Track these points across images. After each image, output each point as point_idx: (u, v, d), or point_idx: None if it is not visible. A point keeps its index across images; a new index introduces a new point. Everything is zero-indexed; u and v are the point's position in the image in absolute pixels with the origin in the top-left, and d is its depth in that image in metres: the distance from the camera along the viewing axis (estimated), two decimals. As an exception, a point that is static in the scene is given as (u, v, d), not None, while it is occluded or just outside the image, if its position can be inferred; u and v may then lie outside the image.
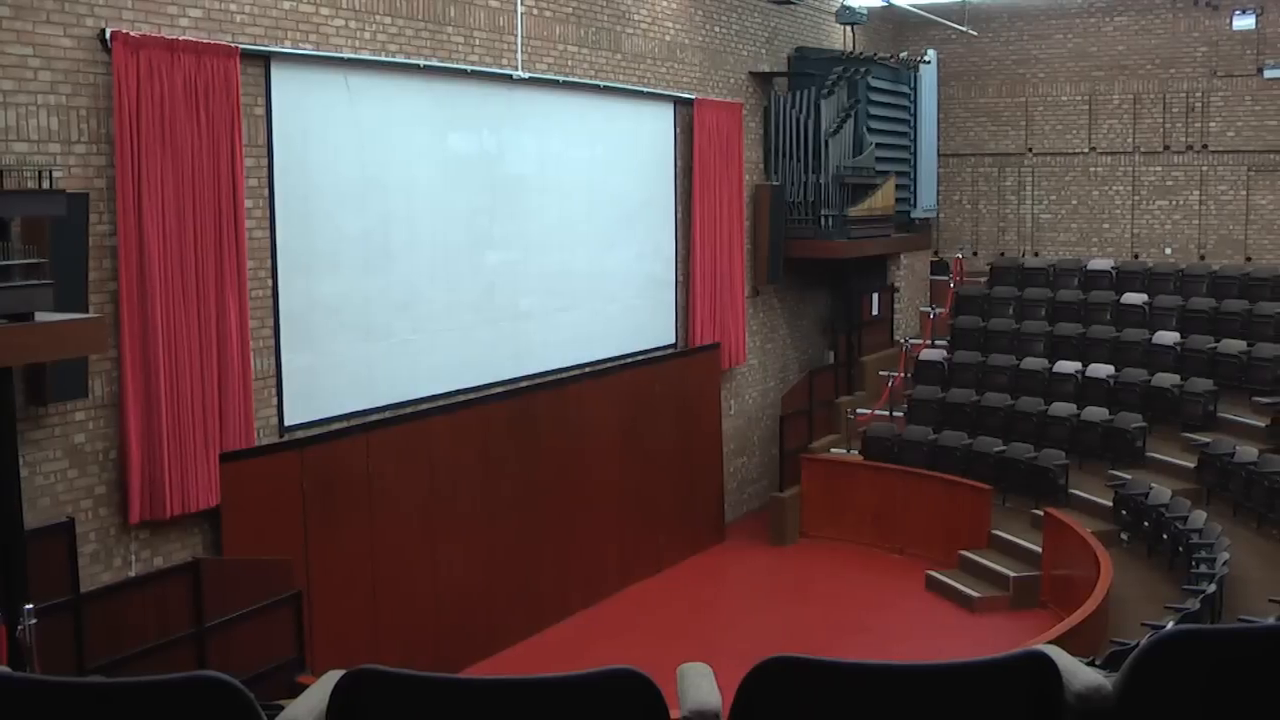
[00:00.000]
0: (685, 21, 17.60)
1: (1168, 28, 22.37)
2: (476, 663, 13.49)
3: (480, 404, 14.11)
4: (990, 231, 23.98)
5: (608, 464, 16.03)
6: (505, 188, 14.56)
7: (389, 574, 12.70)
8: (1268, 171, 21.80)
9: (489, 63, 14.01)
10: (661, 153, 17.27)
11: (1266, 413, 16.65)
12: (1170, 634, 2.76)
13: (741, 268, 18.69)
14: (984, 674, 2.74)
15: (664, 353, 17.46)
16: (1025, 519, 16.86)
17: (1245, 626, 2.86)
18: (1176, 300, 19.49)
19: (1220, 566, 12.55)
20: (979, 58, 23.71)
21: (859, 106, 19.96)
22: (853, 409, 19.96)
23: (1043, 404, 18.30)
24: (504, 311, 14.59)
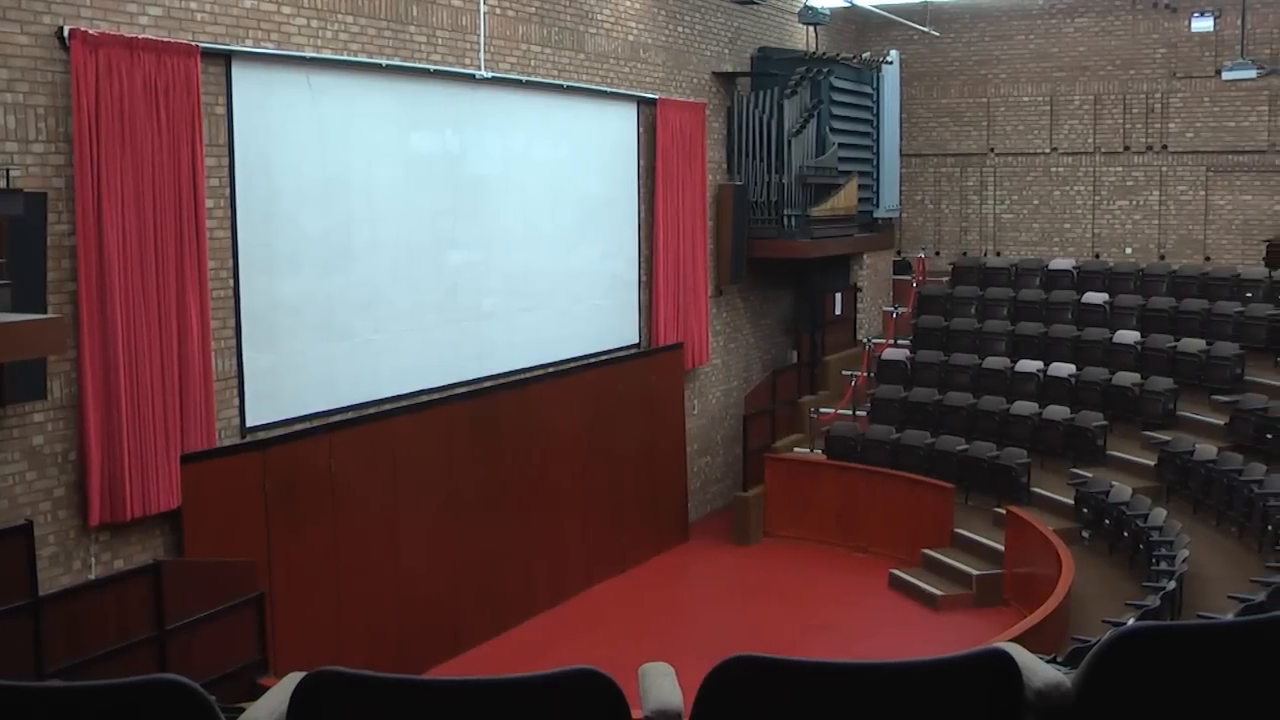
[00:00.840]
0: (648, 21, 17.61)
1: (1128, 29, 22.53)
2: (441, 663, 13.46)
3: (443, 404, 14.08)
4: (952, 231, 24.08)
5: (571, 464, 16.01)
6: (468, 188, 14.53)
7: (352, 575, 12.65)
8: (1226, 172, 21.98)
9: (452, 62, 13.98)
10: (625, 153, 17.27)
11: (1225, 411, 16.78)
12: (1128, 631, 2.77)
13: (705, 267, 18.70)
14: (945, 672, 2.75)
15: (627, 353, 17.46)
16: (987, 517, 16.95)
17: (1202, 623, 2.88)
18: (1137, 300, 19.62)
19: (1180, 564, 12.64)
20: (941, 58, 23.81)
21: (822, 107, 20.00)
22: (816, 408, 20.01)
23: (1005, 403, 18.39)
24: (467, 311, 14.56)
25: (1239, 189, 21.97)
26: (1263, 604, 10.24)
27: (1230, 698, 2.92)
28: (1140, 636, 2.81)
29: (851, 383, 20.03)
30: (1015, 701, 2.76)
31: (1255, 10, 20.96)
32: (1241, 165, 21.90)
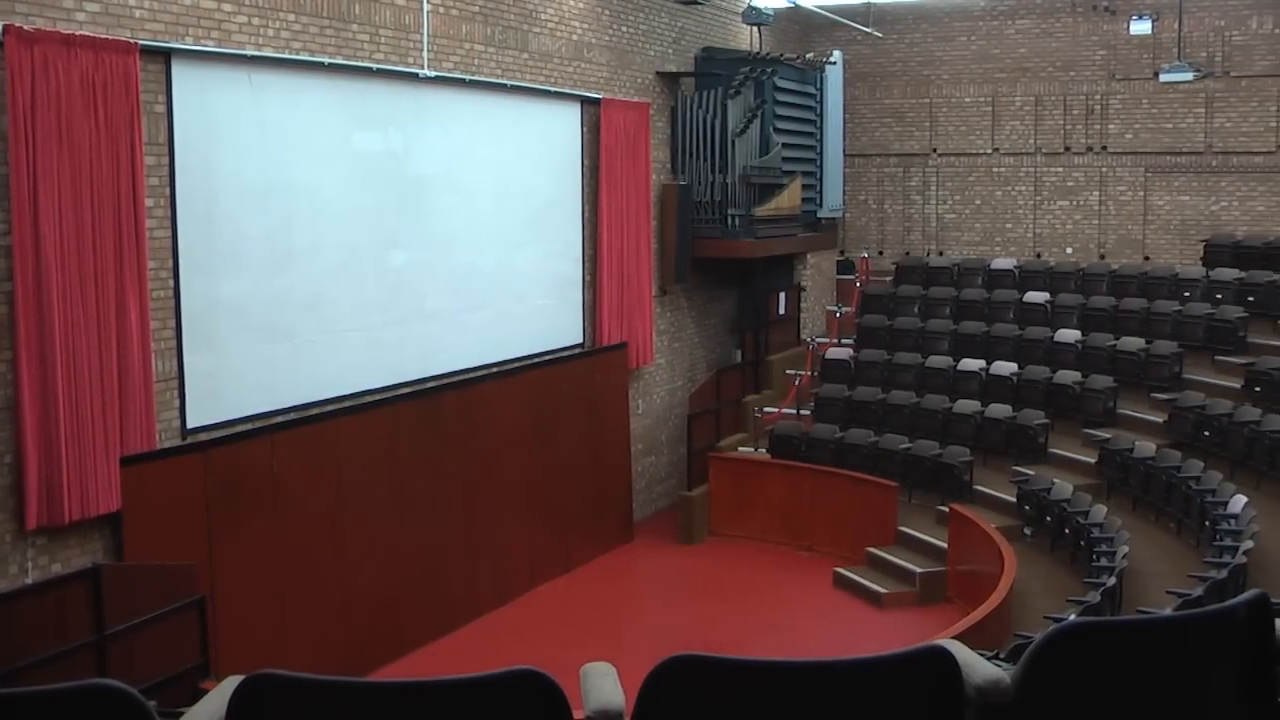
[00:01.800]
0: (592, 21, 17.59)
1: (1068, 31, 22.71)
2: (385, 665, 13.40)
3: (387, 405, 14.01)
4: (895, 231, 24.21)
5: (516, 464, 15.97)
6: (412, 187, 14.48)
7: (295, 577, 12.57)
8: (1164, 173, 22.20)
9: (395, 61, 13.91)
10: (569, 152, 17.25)
11: (1164, 409, 16.96)
12: (1066, 627, 2.79)
13: (649, 267, 18.71)
14: (885, 669, 2.75)
15: (571, 352, 17.44)
16: (931, 515, 17.06)
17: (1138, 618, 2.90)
18: (1078, 299, 19.80)
19: (1120, 559, 12.77)
20: (884, 59, 23.92)
21: (765, 107, 20.06)
22: (760, 408, 20.07)
23: (947, 401, 18.52)
24: (410, 312, 14.49)
25: (1177, 190, 22.20)
26: (1200, 598, 10.37)
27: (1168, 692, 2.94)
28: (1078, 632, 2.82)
29: (795, 382, 20.11)
30: (955, 698, 2.77)
31: (1191, 14, 21.19)
32: (1179, 166, 22.13)
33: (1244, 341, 17.71)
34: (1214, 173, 21.89)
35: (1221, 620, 2.97)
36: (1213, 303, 18.48)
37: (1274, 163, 21.45)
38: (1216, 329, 17.97)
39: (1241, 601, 2.94)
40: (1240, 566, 11.28)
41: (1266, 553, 12.38)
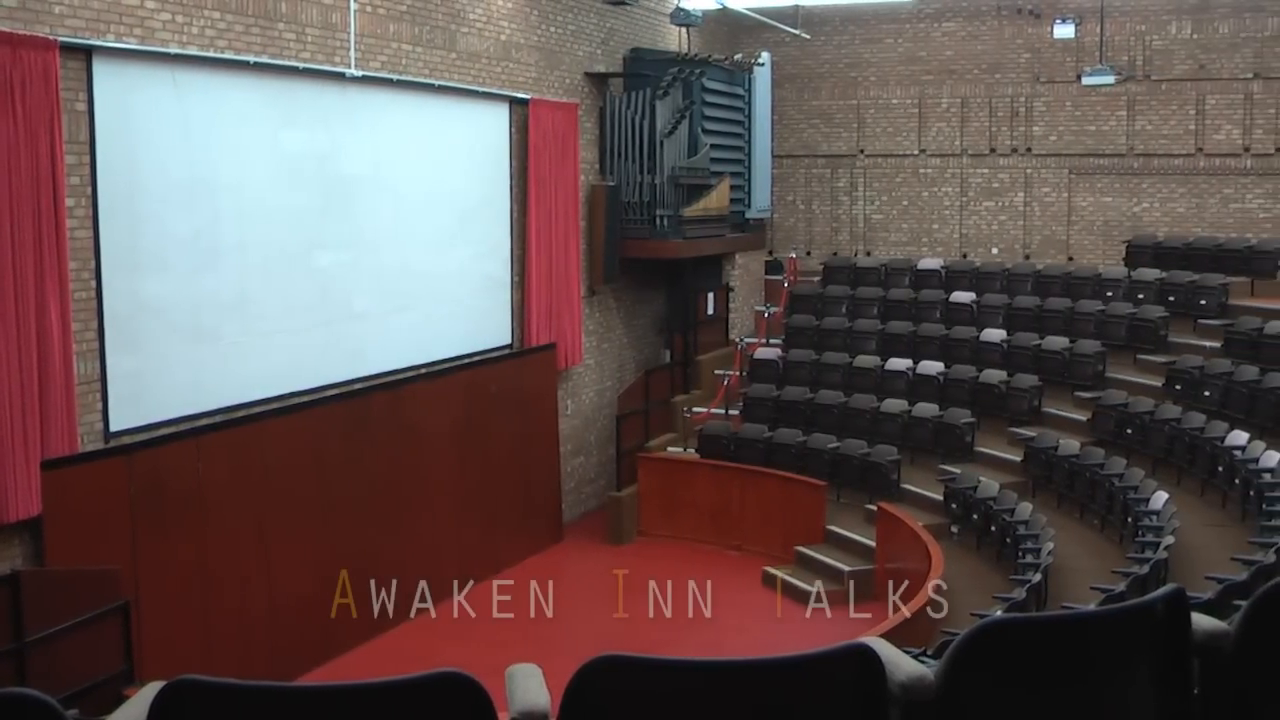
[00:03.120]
0: (521, 21, 17.55)
1: (994, 34, 22.93)
2: (313, 669, 13.30)
3: (314, 407, 13.91)
4: (823, 231, 24.33)
5: (445, 466, 15.91)
6: (339, 187, 14.38)
7: (222, 582, 12.44)
8: (1087, 174, 22.48)
9: (321, 60, 13.81)
10: (497, 153, 17.20)
11: (1088, 407, 17.16)
12: (987, 624, 2.81)
13: (577, 268, 18.69)
14: (809, 667, 2.76)
15: (500, 353, 17.40)
16: (859, 514, 17.17)
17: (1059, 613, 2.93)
18: (1003, 299, 19.99)
19: (1045, 556, 12.90)
20: (812, 60, 24.03)
21: (694, 108, 20.09)
22: (689, 408, 20.11)
23: (875, 401, 18.65)
24: (338, 312, 14.40)
25: (1100, 191, 22.49)
26: (1123, 594, 10.49)
27: (1088, 686, 2.97)
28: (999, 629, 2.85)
29: (724, 382, 20.17)
30: (879, 695, 2.78)
31: (1113, 18, 21.49)
32: (1102, 168, 22.41)
33: (1165, 341, 17.95)
34: (1135, 174, 22.19)
35: (1140, 615, 3.00)
36: (1135, 302, 18.72)
37: (1193, 165, 21.78)
38: (1138, 328, 18.20)
39: (1159, 596, 2.98)
40: (1161, 561, 11.43)
41: (1187, 548, 12.55)
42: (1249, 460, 13.79)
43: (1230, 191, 21.68)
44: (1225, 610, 3.44)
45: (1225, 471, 14.31)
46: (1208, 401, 15.91)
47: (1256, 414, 15.21)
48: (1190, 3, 21.57)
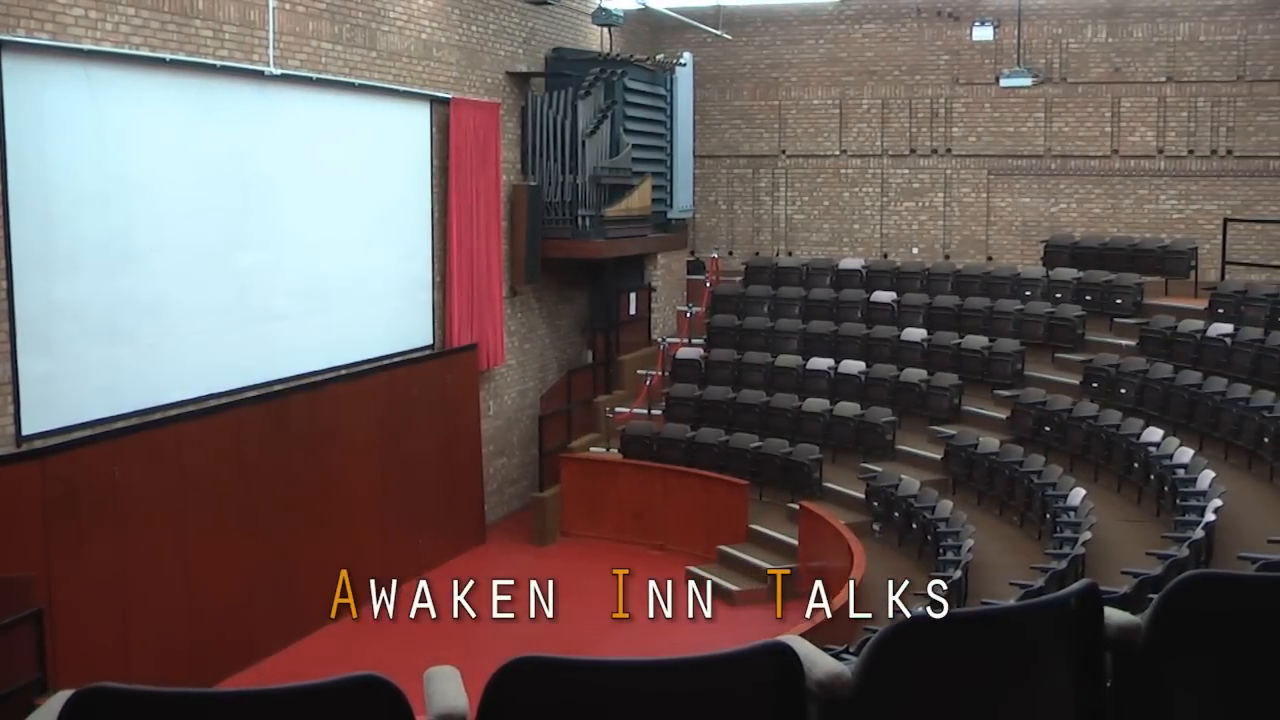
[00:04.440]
0: (442, 20, 17.46)
1: (913, 36, 23.11)
2: (235, 674, 13.15)
3: (233, 409, 13.77)
4: (745, 231, 24.41)
5: (366, 467, 15.80)
6: (258, 187, 14.23)
7: (140, 587, 12.27)
8: (1005, 175, 22.72)
9: (240, 58, 13.65)
10: (418, 152, 17.10)
11: (1007, 405, 17.34)
12: (903, 621, 2.82)
13: (499, 268, 18.63)
14: (727, 666, 2.76)
15: (421, 354, 17.31)
16: (782, 513, 17.25)
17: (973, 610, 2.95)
18: (923, 298, 20.15)
19: (966, 553, 13.03)
20: (734, 61, 24.10)
21: (616, 108, 20.09)
22: (611, 408, 20.10)
23: (797, 400, 18.74)
24: (257, 313, 14.25)
25: (1018, 191, 22.74)
26: (1041, 589, 10.60)
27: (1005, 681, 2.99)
28: (915, 625, 2.86)
29: (646, 382, 20.18)
30: (797, 693, 2.78)
31: (1031, 21, 21.74)
32: (1020, 169, 22.67)
33: (1082, 339, 18.18)
34: (1053, 175, 22.47)
35: (1054, 610, 3.02)
36: (1052, 302, 18.94)
37: (1109, 166, 22.09)
38: (1056, 327, 18.42)
39: (1072, 591, 3.00)
40: (1079, 557, 11.58)
41: (1104, 543, 12.71)
42: (1163, 456, 14.00)
43: (1145, 192, 22.00)
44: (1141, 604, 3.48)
45: (1140, 468, 14.52)
46: (1123, 399, 16.14)
47: (1171, 411, 15.44)
48: (1105, 7, 21.88)
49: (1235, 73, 21.31)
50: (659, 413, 19.62)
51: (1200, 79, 21.52)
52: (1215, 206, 21.42)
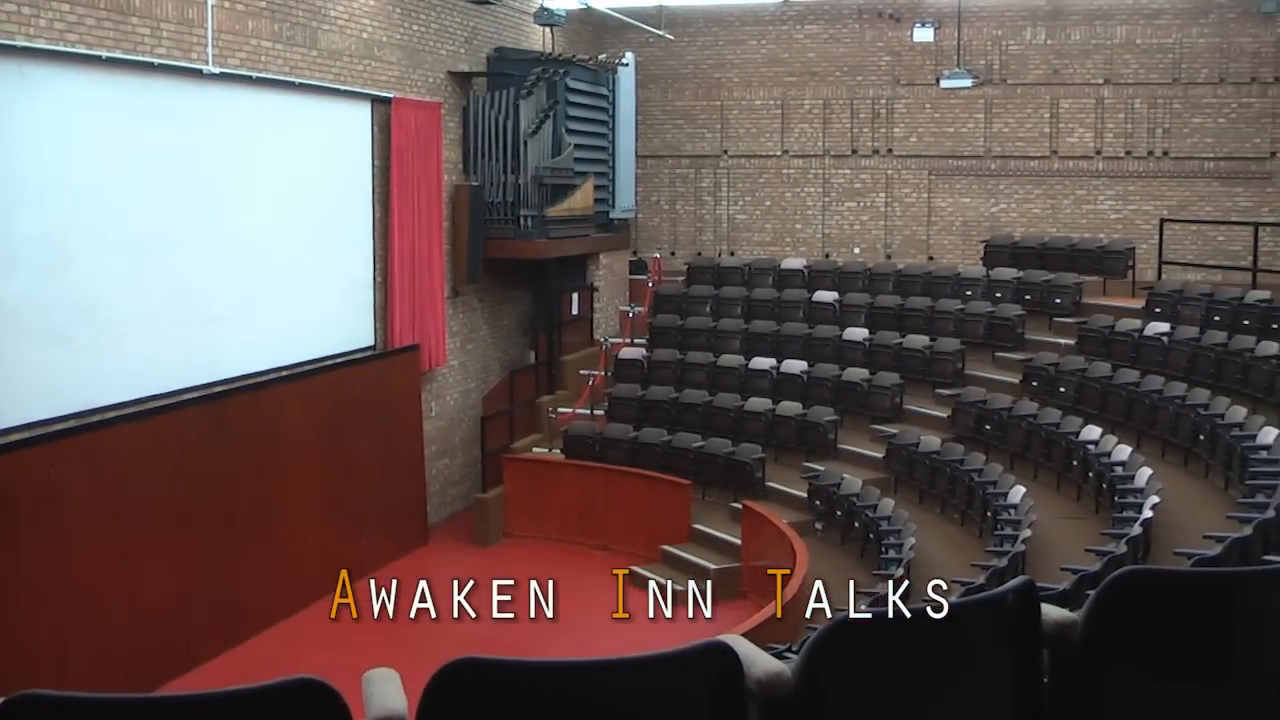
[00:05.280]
0: (383, 19, 17.37)
1: (855, 37, 23.21)
2: (176, 678, 13.00)
3: (173, 410, 13.63)
4: (688, 232, 24.44)
5: (308, 469, 15.69)
6: (197, 187, 14.10)
7: (77, 591, 12.11)
8: (946, 175, 22.88)
9: (178, 56, 13.52)
10: (359, 152, 17.01)
11: (948, 404, 17.45)
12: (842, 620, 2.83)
13: (441, 268, 18.56)
14: (667, 666, 2.76)
15: (363, 355, 17.21)
16: (725, 512, 17.28)
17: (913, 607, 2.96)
18: (865, 298, 20.25)
19: (908, 551, 13.11)
20: (676, 61, 24.12)
21: (558, 107, 20.07)
22: (554, 408, 20.07)
23: (739, 400, 18.79)
24: (197, 314, 14.12)
25: (959, 192, 22.90)
26: (982, 586, 10.69)
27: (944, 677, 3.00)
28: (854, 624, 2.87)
29: (589, 382, 20.16)
30: (737, 692, 2.78)
31: (971, 23, 21.91)
32: (961, 169, 22.83)
33: (1022, 339, 18.34)
34: (993, 176, 22.64)
35: (992, 607, 3.04)
36: (993, 301, 19.09)
37: (1048, 167, 22.29)
38: (996, 326, 18.56)
39: (1010, 588, 3.02)
40: (1019, 554, 11.67)
41: (1044, 540, 12.82)
42: (1102, 454, 14.13)
43: (1083, 193, 22.22)
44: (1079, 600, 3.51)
45: (1080, 466, 14.66)
46: (1062, 398, 16.29)
47: (1109, 409, 15.61)
48: (1044, 9, 22.07)
49: (1171, 75, 21.56)
50: (601, 413, 19.61)
51: (1137, 81, 21.76)
52: (1152, 207, 21.66)
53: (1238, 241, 20.78)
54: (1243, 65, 21.23)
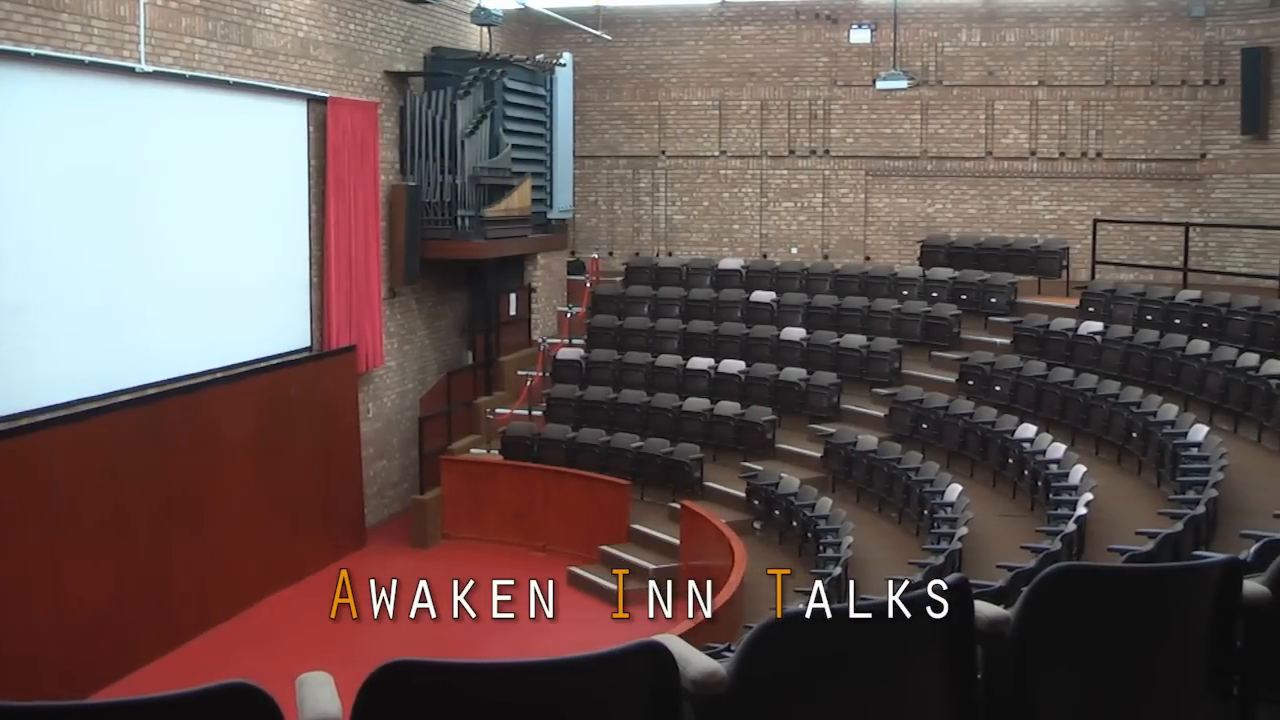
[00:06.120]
0: (319, 18, 17.25)
1: (792, 38, 23.31)
2: (108, 685, 12.83)
3: (105, 413, 13.45)
4: (625, 232, 24.45)
5: (243, 471, 15.55)
6: (130, 187, 13.93)
7: (5, 598, 11.92)
8: (883, 176, 23.02)
9: (109, 54, 13.34)
10: (295, 152, 16.88)
11: (885, 403, 17.55)
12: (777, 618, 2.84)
13: (378, 269, 18.46)
14: (602, 666, 2.75)
15: (299, 356, 17.08)
16: (663, 512, 17.30)
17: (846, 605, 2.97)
18: (802, 298, 20.32)
19: (845, 550, 13.17)
20: (614, 61, 24.13)
21: (495, 108, 20.03)
22: (492, 409, 20.02)
23: (678, 400, 18.81)
24: (130, 316, 13.95)
25: (895, 192, 23.05)
26: (920, 584, 10.74)
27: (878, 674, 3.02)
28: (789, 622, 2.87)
29: (527, 383, 20.14)
30: (672, 691, 2.78)
31: (907, 25, 22.06)
32: (897, 170, 22.98)
33: (958, 338, 18.48)
34: (929, 176, 22.81)
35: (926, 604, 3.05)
36: (929, 301, 19.21)
37: (983, 168, 22.49)
38: (933, 326, 18.69)
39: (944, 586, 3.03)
40: (956, 552, 11.75)
41: (980, 538, 12.92)
42: (1037, 452, 14.26)
43: (1018, 193, 22.44)
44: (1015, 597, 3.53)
45: (1015, 463, 14.78)
46: (998, 396, 16.43)
47: (1044, 408, 15.76)
48: (979, 11, 22.26)
49: (1104, 77, 21.81)
50: (540, 413, 19.58)
51: (1070, 83, 22.00)
52: (1085, 207, 21.90)
53: (1169, 242, 21.06)
54: (1173, 68, 21.51)
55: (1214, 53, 21.27)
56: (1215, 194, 21.52)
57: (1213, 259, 20.96)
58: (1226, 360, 14.30)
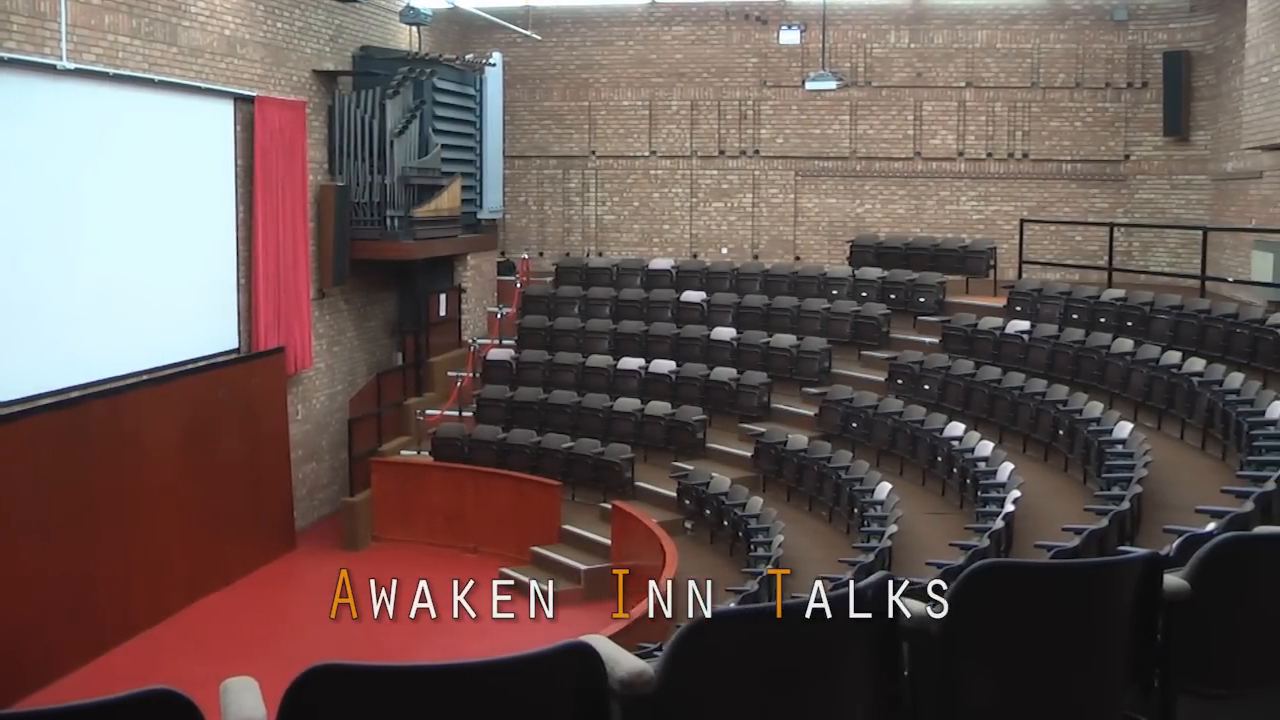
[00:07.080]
0: (246, 16, 17.08)
1: (722, 39, 23.38)
2: (31, 694, 12.63)
3: (27, 417, 13.24)
4: (556, 232, 24.42)
5: (170, 475, 15.37)
6: (51, 186, 13.73)
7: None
8: (812, 176, 23.14)
9: (29, 50, 13.13)
10: (221, 151, 16.71)
11: (815, 402, 17.63)
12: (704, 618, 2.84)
13: (306, 270, 18.31)
14: (529, 667, 2.74)
15: (227, 358, 16.91)
16: (595, 512, 17.30)
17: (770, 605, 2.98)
18: (733, 298, 20.38)
19: (776, 549, 13.22)
20: (543, 61, 24.09)
21: (425, 107, 19.94)
22: (422, 410, 19.93)
23: (608, 400, 18.82)
24: (51, 317, 13.75)
25: (825, 192, 23.17)
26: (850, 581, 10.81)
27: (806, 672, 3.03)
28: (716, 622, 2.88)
29: (457, 384, 20.06)
30: (600, 691, 2.78)
31: (836, 26, 22.18)
32: (827, 170, 23.11)
33: (887, 337, 18.59)
34: (858, 177, 22.95)
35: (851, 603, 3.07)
36: (858, 300, 19.31)
37: (912, 169, 22.66)
38: (862, 325, 18.79)
39: (869, 584, 3.05)
40: (886, 549, 11.83)
41: (910, 535, 13.01)
42: (966, 450, 14.39)
43: (946, 194, 22.63)
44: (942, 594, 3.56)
45: (944, 462, 14.90)
46: (927, 395, 16.56)
47: (972, 406, 15.90)
48: (908, 13, 22.43)
49: (1030, 79, 22.05)
50: (470, 414, 19.51)
51: (997, 85, 22.23)
52: (1012, 208, 22.13)
53: (1094, 241, 21.30)
54: (1097, 71, 21.79)
55: (1136, 56, 21.58)
56: (1139, 195, 21.84)
57: (1136, 259, 21.27)
58: (1150, 358, 14.48)
